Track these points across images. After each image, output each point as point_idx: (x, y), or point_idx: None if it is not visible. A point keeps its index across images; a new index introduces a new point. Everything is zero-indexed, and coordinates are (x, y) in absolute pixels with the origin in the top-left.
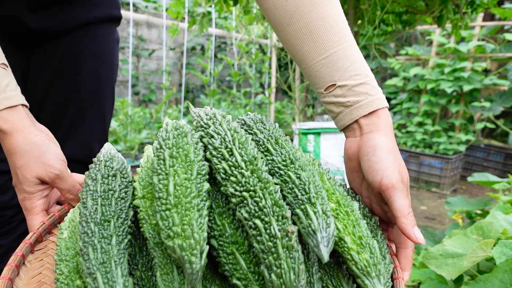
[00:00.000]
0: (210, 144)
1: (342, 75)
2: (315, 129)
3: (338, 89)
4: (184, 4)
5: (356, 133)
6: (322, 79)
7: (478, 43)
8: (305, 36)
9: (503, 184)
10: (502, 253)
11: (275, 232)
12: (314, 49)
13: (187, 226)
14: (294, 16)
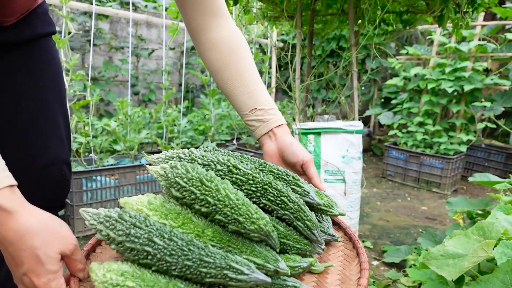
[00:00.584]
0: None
1: (261, 103)
2: (315, 129)
3: (258, 111)
4: None
5: (272, 139)
6: (248, 106)
7: (479, 43)
8: (236, 78)
9: (504, 184)
10: (503, 253)
11: (296, 199)
12: (241, 87)
13: (256, 213)
14: (229, 65)
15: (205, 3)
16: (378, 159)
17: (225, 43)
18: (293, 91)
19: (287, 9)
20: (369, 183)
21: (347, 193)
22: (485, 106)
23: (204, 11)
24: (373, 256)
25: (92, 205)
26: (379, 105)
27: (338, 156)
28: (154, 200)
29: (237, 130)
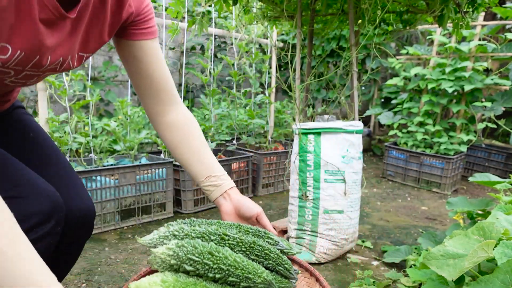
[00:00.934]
0: None
1: (214, 171)
2: (315, 129)
3: (212, 178)
4: (183, 4)
5: (227, 199)
6: (203, 174)
7: (479, 43)
8: (191, 152)
9: (504, 184)
10: (503, 253)
11: (274, 250)
12: (196, 159)
13: (258, 268)
14: (185, 142)
15: (161, 96)
16: (378, 159)
17: (179, 125)
18: (293, 91)
19: (287, 9)
20: (369, 183)
21: (347, 193)
22: (486, 106)
23: (161, 102)
24: (373, 256)
25: None
26: (379, 105)
27: (338, 156)
28: (167, 278)
29: (237, 130)
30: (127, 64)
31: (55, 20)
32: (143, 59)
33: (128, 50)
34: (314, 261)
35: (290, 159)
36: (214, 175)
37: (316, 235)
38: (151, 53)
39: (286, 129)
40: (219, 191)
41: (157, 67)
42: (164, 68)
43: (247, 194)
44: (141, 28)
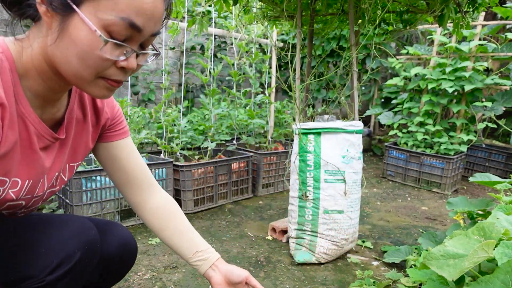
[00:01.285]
0: None
1: (200, 246)
2: (315, 129)
3: (199, 253)
4: (183, 3)
5: (216, 271)
6: (190, 250)
7: (480, 43)
8: (176, 233)
9: (504, 184)
10: (503, 254)
11: None
12: (182, 238)
13: None
14: (169, 225)
15: (142, 187)
16: (378, 159)
17: (162, 210)
18: (293, 91)
19: (287, 8)
20: (369, 183)
21: (347, 193)
22: (486, 106)
23: (142, 191)
24: (373, 256)
25: (92, 205)
26: (379, 105)
27: (338, 156)
28: None
29: (237, 130)
30: (107, 163)
31: (50, 144)
32: (121, 156)
33: (107, 151)
34: (314, 261)
35: (290, 159)
36: (200, 250)
37: (316, 235)
38: (127, 150)
39: (286, 129)
40: (207, 264)
41: (134, 161)
42: (140, 160)
43: (247, 194)
44: (116, 130)
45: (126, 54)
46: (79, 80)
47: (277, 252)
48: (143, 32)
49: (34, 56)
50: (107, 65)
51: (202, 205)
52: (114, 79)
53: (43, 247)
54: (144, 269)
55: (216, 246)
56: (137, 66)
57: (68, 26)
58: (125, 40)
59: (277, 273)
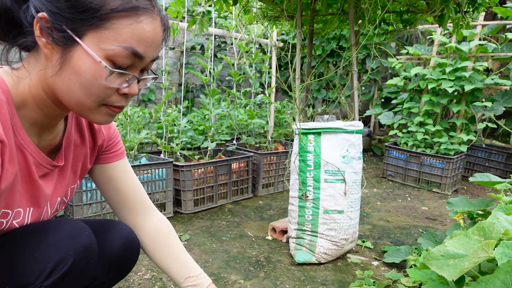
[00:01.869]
0: None
1: (192, 271)
2: (315, 129)
3: (191, 278)
4: (183, 3)
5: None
6: (182, 275)
7: (480, 43)
8: (169, 256)
9: (504, 184)
10: (503, 254)
11: None
12: (175, 262)
13: None
14: (163, 248)
15: (137, 209)
16: (378, 159)
17: (157, 233)
18: (293, 91)
19: (287, 8)
20: (369, 183)
21: (347, 193)
22: (486, 106)
23: (137, 213)
24: (373, 257)
25: (91, 205)
26: (379, 105)
27: (338, 156)
28: None
29: (237, 130)
30: (103, 185)
31: (49, 172)
32: (117, 177)
33: (103, 173)
34: (314, 261)
35: (290, 159)
36: (192, 275)
37: (316, 235)
38: (123, 171)
39: (286, 129)
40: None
41: (130, 183)
42: (136, 181)
43: (247, 194)
44: (112, 151)
45: (129, 81)
46: (82, 108)
47: (277, 252)
48: (144, 59)
49: (32, 86)
50: (110, 93)
51: (202, 205)
52: (116, 105)
53: (35, 253)
54: (144, 269)
55: (216, 246)
56: None
57: (71, 58)
58: (127, 68)
59: (277, 273)
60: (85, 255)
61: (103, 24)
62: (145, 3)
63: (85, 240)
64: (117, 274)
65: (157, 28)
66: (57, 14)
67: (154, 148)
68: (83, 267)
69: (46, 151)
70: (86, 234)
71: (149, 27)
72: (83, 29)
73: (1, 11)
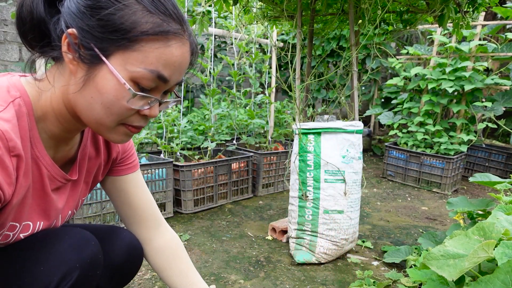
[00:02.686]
0: None
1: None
2: (315, 129)
3: None
4: (184, 3)
5: None
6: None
7: (480, 43)
8: (178, 274)
9: (504, 184)
10: (503, 254)
11: None
12: (184, 281)
13: None
14: (172, 265)
15: (148, 223)
16: (378, 159)
17: (165, 251)
18: (293, 91)
19: (287, 8)
20: (369, 183)
21: (347, 193)
22: (486, 106)
23: (148, 228)
24: (373, 257)
25: (92, 205)
26: (379, 105)
27: (338, 156)
28: None
29: (237, 130)
30: (114, 197)
31: (62, 185)
32: (129, 190)
33: (116, 185)
34: (314, 261)
35: (290, 159)
36: None
37: (316, 235)
38: (136, 184)
39: (286, 129)
40: None
41: (143, 196)
42: (148, 195)
43: (247, 194)
44: (126, 164)
45: (150, 103)
46: (100, 126)
47: (277, 252)
48: (169, 82)
49: (54, 100)
50: (130, 113)
51: (202, 205)
52: (135, 125)
53: (42, 265)
54: (144, 269)
55: (216, 246)
56: None
57: (95, 77)
58: (150, 91)
59: (277, 273)
60: (91, 266)
61: (132, 46)
62: (176, 27)
63: (91, 252)
64: (120, 281)
65: (186, 53)
66: (87, 31)
67: (154, 148)
68: (89, 278)
69: (60, 163)
70: (92, 245)
71: (177, 52)
72: (111, 49)
73: (35, 21)
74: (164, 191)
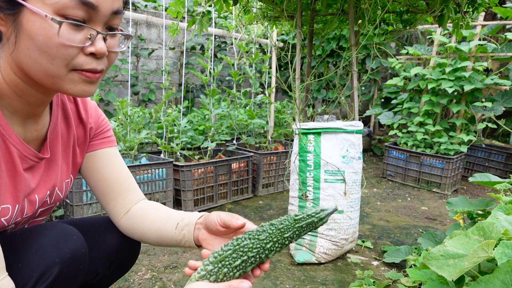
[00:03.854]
0: None
1: (181, 216)
2: (315, 129)
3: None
4: (184, 4)
5: (200, 228)
6: (173, 226)
7: (480, 43)
8: (157, 217)
9: (504, 184)
10: (503, 253)
11: None
12: (161, 219)
13: None
14: (148, 213)
15: (127, 196)
16: (378, 159)
17: (140, 211)
18: (293, 91)
19: (287, 9)
20: (369, 183)
21: (347, 193)
22: (486, 106)
23: (127, 201)
24: (373, 256)
25: (92, 205)
26: (379, 105)
27: (338, 156)
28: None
29: (237, 130)
30: (90, 174)
31: (35, 164)
32: (106, 165)
33: (91, 161)
34: (314, 261)
35: (290, 159)
36: (181, 220)
37: (316, 235)
38: (112, 159)
39: (286, 129)
40: (191, 227)
41: (119, 171)
42: (125, 171)
43: (247, 194)
44: (102, 138)
45: (91, 38)
46: (52, 79)
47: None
48: (99, 9)
49: (4, 73)
50: (72, 53)
51: (202, 205)
52: (87, 68)
53: (20, 262)
54: (144, 269)
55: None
56: (110, 53)
57: (22, 24)
58: (83, 23)
59: (277, 273)
60: (73, 261)
61: None
62: None
63: (72, 246)
64: (118, 269)
65: None
66: None
67: (154, 148)
68: (72, 273)
69: (34, 144)
70: (74, 239)
71: None
72: None
73: None
74: (164, 191)
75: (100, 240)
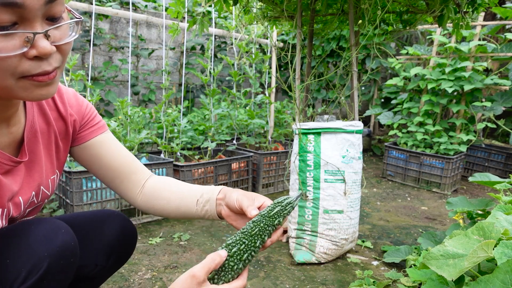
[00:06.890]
0: None
1: (200, 191)
2: (315, 129)
3: (201, 198)
4: (184, 4)
5: (222, 204)
6: (193, 201)
7: (479, 43)
8: (179, 196)
9: (504, 184)
10: (503, 253)
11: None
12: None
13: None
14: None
15: (133, 178)
16: (378, 159)
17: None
18: (293, 91)
19: (287, 9)
20: (369, 183)
21: (347, 193)
22: (485, 106)
23: (135, 183)
24: (373, 256)
25: (92, 205)
26: (379, 105)
27: (338, 156)
28: None
29: (237, 130)
30: (92, 164)
31: (12, 168)
32: (105, 152)
33: (88, 152)
34: (314, 261)
35: (290, 159)
36: (200, 196)
37: (316, 235)
38: (109, 144)
39: (286, 129)
40: (213, 203)
41: (120, 154)
42: (126, 152)
43: None
44: (90, 126)
45: (29, 40)
46: (3, 90)
47: (277, 252)
48: (27, 5)
49: None
50: (13, 62)
51: None
52: (36, 73)
53: (7, 259)
54: (144, 269)
55: (216, 246)
56: (61, 46)
57: None
58: (15, 25)
59: (277, 273)
60: (63, 255)
61: None
62: None
63: (61, 240)
64: (117, 260)
65: None
66: None
67: (154, 148)
68: (62, 267)
69: (11, 148)
70: (62, 233)
71: None
72: None
73: None
74: None
75: (98, 232)
